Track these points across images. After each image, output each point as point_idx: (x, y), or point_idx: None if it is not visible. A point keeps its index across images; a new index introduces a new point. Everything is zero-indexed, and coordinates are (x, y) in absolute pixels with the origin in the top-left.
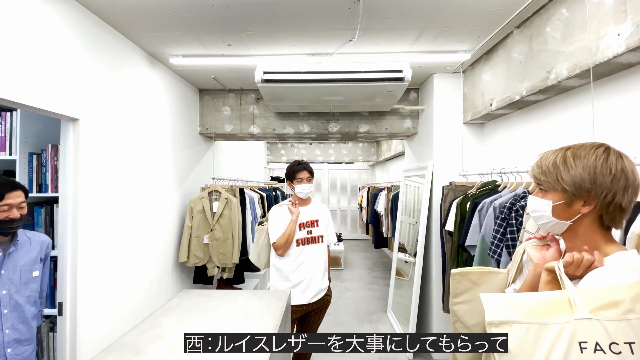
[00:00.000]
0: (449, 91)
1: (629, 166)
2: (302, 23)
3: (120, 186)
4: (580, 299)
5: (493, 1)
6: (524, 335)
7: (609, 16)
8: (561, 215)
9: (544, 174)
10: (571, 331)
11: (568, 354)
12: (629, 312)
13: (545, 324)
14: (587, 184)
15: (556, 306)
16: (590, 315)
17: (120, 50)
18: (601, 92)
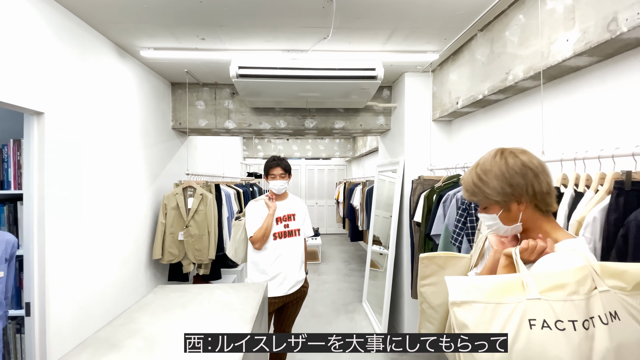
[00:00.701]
0: (419, 89)
1: (527, 158)
2: (277, 19)
3: (88, 182)
4: (532, 282)
5: (458, 5)
6: (482, 314)
7: (559, 23)
8: (509, 220)
9: (473, 195)
10: (522, 310)
11: (519, 330)
12: (574, 293)
13: (500, 303)
14: (508, 189)
15: (511, 288)
16: (540, 296)
17: (87, 41)
18: (552, 93)
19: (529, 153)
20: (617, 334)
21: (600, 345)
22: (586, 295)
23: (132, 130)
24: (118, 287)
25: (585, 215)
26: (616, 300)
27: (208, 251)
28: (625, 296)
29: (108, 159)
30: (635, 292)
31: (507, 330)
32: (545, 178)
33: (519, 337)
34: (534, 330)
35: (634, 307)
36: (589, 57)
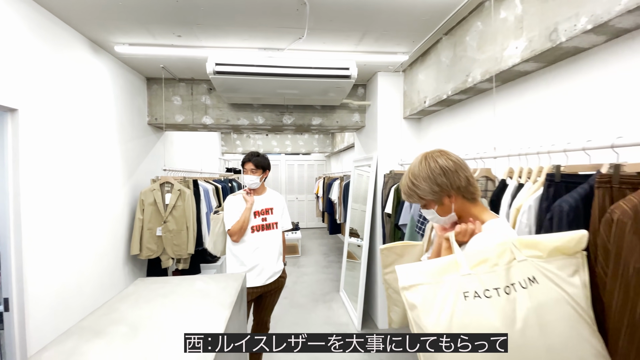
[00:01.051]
0: (391, 88)
1: (443, 160)
2: (253, 19)
3: (64, 178)
4: (464, 260)
5: (424, 11)
6: (426, 293)
7: (510, 31)
8: (444, 212)
9: (410, 197)
10: (457, 285)
11: (455, 303)
12: (495, 265)
13: (440, 282)
14: (436, 187)
15: (448, 268)
16: (470, 271)
17: (61, 37)
18: (506, 95)
19: (446, 155)
20: (537, 295)
21: (522, 306)
22: (506, 266)
23: (108, 126)
24: (96, 283)
25: (523, 203)
26: (534, 267)
27: (187, 246)
28: (542, 262)
29: (84, 154)
30: (550, 258)
31: (446, 304)
32: (462, 173)
33: (457, 309)
34: (468, 300)
35: (551, 271)
36: (535, 63)
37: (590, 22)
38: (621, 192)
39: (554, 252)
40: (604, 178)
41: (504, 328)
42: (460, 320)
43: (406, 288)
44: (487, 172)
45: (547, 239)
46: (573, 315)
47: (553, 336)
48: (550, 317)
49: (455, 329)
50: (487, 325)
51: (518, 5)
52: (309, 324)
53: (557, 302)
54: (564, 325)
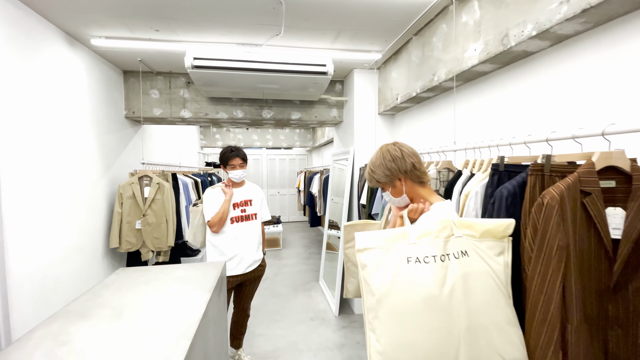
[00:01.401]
0: (366, 85)
1: (393, 149)
2: (230, 16)
3: (41, 172)
4: (412, 232)
5: (394, 13)
6: (376, 256)
7: (470, 34)
8: (397, 194)
9: (371, 182)
10: (403, 251)
11: (399, 265)
12: (436, 237)
13: (390, 248)
14: (388, 172)
15: (398, 237)
16: (415, 241)
17: (35, 29)
18: (467, 93)
19: (398, 145)
20: (466, 265)
21: (452, 272)
22: (445, 239)
23: (84, 119)
24: (75, 275)
25: (471, 190)
26: (467, 243)
27: (167, 239)
28: (475, 241)
29: (60, 148)
30: (482, 238)
31: (392, 266)
32: (409, 159)
33: (400, 270)
34: (410, 264)
35: (480, 249)
36: (491, 64)
37: (535, 29)
38: (552, 180)
39: (485, 233)
40: (537, 167)
41: (435, 288)
42: (401, 279)
43: (361, 250)
44: (448, 164)
45: (481, 222)
46: (493, 287)
47: (473, 301)
48: (474, 285)
49: (396, 286)
50: (422, 283)
51: (477, 10)
52: (289, 312)
53: (481, 274)
54: (484, 293)
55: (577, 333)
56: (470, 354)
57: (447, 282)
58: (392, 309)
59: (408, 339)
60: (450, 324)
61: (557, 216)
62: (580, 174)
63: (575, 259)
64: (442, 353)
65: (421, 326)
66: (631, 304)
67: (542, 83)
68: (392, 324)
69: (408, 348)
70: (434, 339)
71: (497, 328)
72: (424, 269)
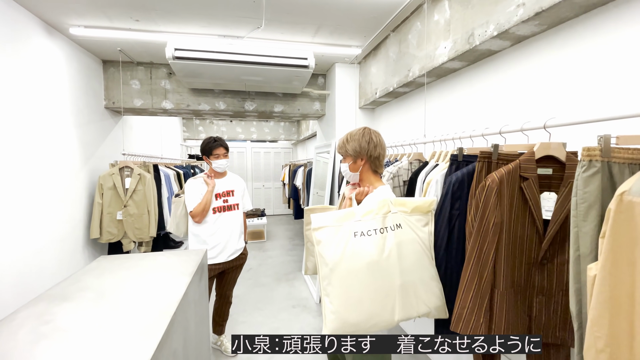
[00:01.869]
0: (348, 79)
1: (374, 136)
2: (210, 8)
3: (19, 163)
4: (358, 211)
5: (371, 9)
6: (329, 232)
7: (441, 33)
8: (354, 170)
9: (340, 149)
10: (351, 227)
11: (348, 239)
12: (376, 214)
13: (340, 225)
14: (358, 148)
15: (347, 216)
16: (360, 218)
17: (12, 18)
18: (440, 89)
19: (377, 135)
20: (399, 235)
21: (389, 241)
22: (383, 215)
23: (63, 109)
24: (56, 266)
25: (432, 178)
26: (401, 218)
27: (149, 229)
28: (407, 215)
29: (38, 138)
30: (412, 213)
31: (342, 240)
32: (379, 150)
33: (348, 243)
34: (357, 237)
35: (411, 221)
36: (459, 61)
37: (496, 30)
38: (498, 166)
39: (414, 209)
40: (485, 154)
41: (376, 254)
42: (349, 250)
43: (316, 229)
44: (419, 155)
45: (411, 200)
46: (419, 251)
47: (405, 263)
48: (405, 250)
49: (346, 256)
50: (367, 252)
51: (447, 10)
52: (272, 300)
53: (411, 241)
54: (413, 256)
55: (502, 297)
56: (404, 305)
57: (385, 249)
58: (342, 275)
59: (355, 298)
60: (388, 283)
61: (495, 197)
62: (521, 161)
63: (510, 235)
64: (382, 306)
65: (367, 286)
66: (555, 276)
67: (505, 80)
68: (343, 287)
69: (355, 305)
70: (376, 296)
71: (422, 283)
72: (367, 241)
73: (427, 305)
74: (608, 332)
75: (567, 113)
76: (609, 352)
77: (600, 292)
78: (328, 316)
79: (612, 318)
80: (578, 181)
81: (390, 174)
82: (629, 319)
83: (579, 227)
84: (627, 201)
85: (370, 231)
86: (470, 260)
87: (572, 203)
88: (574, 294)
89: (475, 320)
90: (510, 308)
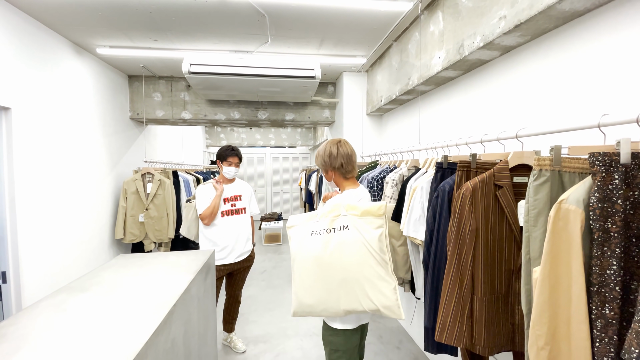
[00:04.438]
0: (355, 87)
1: (334, 148)
2: (220, 27)
3: (53, 170)
4: (319, 213)
5: (370, 22)
6: (296, 230)
7: (436, 43)
8: (329, 179)
9: (317, 164)
10: (310, 227)
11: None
12: (326, 217)
13: (305, 225)
14: (323, 163)
15: (310, 218)
16: (318, 220)
17: (46, 41)
18: (438, 97)
19: (339, 145)
20: (343, 236)
21: (333, 240)
22: (333, 217)
23: (92, 121)
24: (83, 263)
25: (418, 185)
26: (350, 220)
27: (167, 231)
28: (356, 218)
29: (70, 147)
30: (362, 216)
31: (302, 237)
32: (339, 159)
33: (305, 240)
34: (312, 236)
35: (359, 223)
36: (453, 70)
37: (482, 41)
38: (477, 174)
39: (364, 213)
40: (463, 163)
41: (321, 250)
42: (304, 245)
43: (289, 227)
44: (416, 162)
45: (362, 205)
46: (364, 251)
47: (346, 260)
48: (347, 249)
49: (301, 250)
50: (314, 248)
51: (441, 21)
52: (283, 301)
53: (354, 242)
54: (354, 255)
55: (481, 303)
56: (348, 297)
57: (329, 247)
58: (299, 265)
59: (307, 284)
60: (331, 275)
61: (469, 204)
62: (495, 170)
63: (487, 242)
64: (328, 294)
65: (315, 275)
66: None
67: (496, 88)
68: (299, 274)
69: (308, 290)
70: (322, 285)
71: (368, 281)
72: (317, 239)
73: (373, 302)
74: (548, 330)
75: (552, 120)
76: (549, 349)
77: (540, 293)
78: (293, 295)
79: (551, 318)
80: (529, 189)
81: (393, 182)
82: (566, 319)
83: (529, 232)
84: (564, 209)
85: (321, 231)
86: (450, 267)
87: (524, 210)
88: (525, 294)
89: (458, 329)
90: (491, 315)
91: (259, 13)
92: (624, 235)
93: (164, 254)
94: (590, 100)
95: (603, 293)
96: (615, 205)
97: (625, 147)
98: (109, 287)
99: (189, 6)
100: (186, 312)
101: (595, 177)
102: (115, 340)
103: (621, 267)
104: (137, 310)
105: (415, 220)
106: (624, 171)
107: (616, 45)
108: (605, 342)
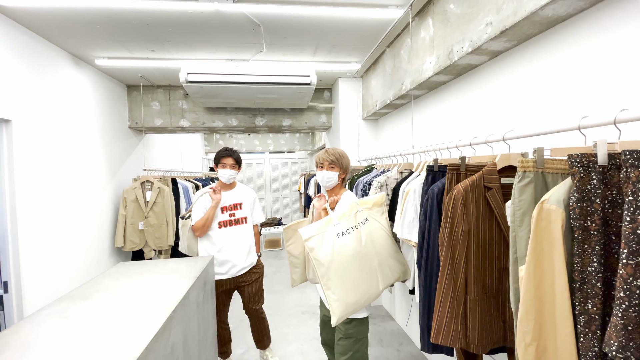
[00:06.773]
0: (351, 92)
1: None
2: (216, 37)
3: (54, 179)
4: (334, 216)
5: (363, 29)
6: (317, 239)
7: (427, 49)
8: (339, 179)
9: (337, 160)
10: (333, 231)
11: (334, 241)
12: (349, 216)
13: (325, 232)
14: (346, 166)
15: (327, 223)
16: (338, 222)
17: (45, 54)
18: (431, 101)
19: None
20: (368, 227)
21: (363, 233)
22: (354, 215)
23: (91, 130)
24: (84, 272)
25: (410, 188)
26: (366, 213)
27: (167, 238)
28: (369, 210)
29: (70, 157)
30: (373, 207)
31: (329, 243)
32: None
33: (335, 244)
34: (339, 237)
35: (373, 214)
36: (444, 75)
37: (470, 46)
38: (466, 177)
39: (373, 205)
40: (453, 166)
41: (356, 246)
42: (337, 248)
43: (307, 239)
44: (410, 165)
45: (370, 199)
46: (384, 234)
47: (377, 245)
48: (375, 236)
49: (336, 254)
50: (349, 246)
51: (431, 27)
52: (283, 306)
53: (377, 229)
54: (381, 239)
55: (474, 302)
56: (383, 277)
57: (362, 240)
58: (337, 269)
59: (351, 283)
60: (370, 264)
61: (462, 206)
62: (484, 172)
63: (478, 243)
64: (370, 283)
65: (356, 272)
66: None
67: (486, 92)
68: (340, 278)
69: (352, 288)
70: (364, 277)
71: (390, 257)
72: (348, 237)
73: (397, 272)
74: (534, 327)
75: (539, 123)
76: (536, 345)
77: (526, 290)
78: (333, 304)
79: (537, 315)
80: (514, 190)
81: (378, 184)
82: (551, 315)
83: (516, 232)
84: (546, 209)
85: (349, 229)
86: (444, 268)
87: (510, 210)
88: (513, 293)
89: (453, 330)
90: (483, 313)
91: (254, 23)
92: (604, 233)
93: (163, 261)
94: (573, 103)
95: (585, 289)
96: (594, 205)
97: (602, 148)
98: (109, 294)
99: (184, 17)
100: (185, 318)
101: (575, 178)
102: (116, 346)
103: (602, 264)
104: (137, 316)
105: (409, 222)
106: (601, 171)
107: (595, 48)
108: (589, 337)
